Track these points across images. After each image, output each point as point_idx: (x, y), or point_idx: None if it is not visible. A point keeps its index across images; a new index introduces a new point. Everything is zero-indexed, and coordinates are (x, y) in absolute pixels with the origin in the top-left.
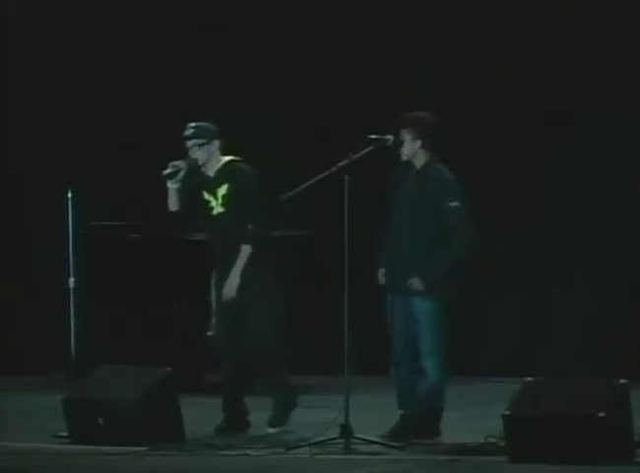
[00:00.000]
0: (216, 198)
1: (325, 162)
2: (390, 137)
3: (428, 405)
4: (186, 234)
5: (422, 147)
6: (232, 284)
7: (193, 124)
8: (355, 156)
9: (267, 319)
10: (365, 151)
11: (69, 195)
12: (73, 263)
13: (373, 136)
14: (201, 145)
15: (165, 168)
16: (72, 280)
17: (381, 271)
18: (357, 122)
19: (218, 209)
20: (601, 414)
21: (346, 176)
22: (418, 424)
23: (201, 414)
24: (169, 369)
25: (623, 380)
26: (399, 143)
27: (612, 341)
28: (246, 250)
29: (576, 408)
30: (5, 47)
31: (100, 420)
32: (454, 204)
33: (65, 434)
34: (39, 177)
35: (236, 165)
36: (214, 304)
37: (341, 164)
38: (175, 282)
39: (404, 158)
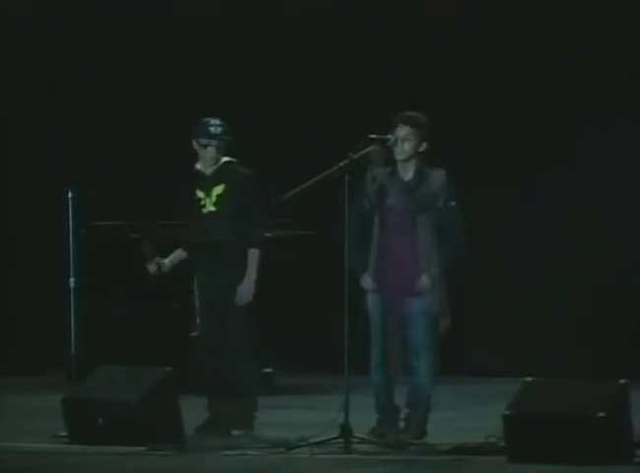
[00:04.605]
0: (209, 197)
1: (325, 162)
2: (390, 137)
3: (416, 405)
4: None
5: (424, 150)
6: (248, 289)
7: (219, 122)
8: (355, 156)
9: (247, 319)
10: (365, 151)
11: (69, 195)
12: (73, 263)
13: (373, 136)
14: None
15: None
16: (72, 280)
17: (365, 275)
18: (357, 122)
19: (209, 208)
20: (601, 414)
21: (346, 176)
22: (407, 424)
23: (201, 414)
24: (169, 369)
25: (623, 380)
26: (395, 140)
27: (612, 341)
28: (255, 254)
29: (576, 408)
30: (5, 47)
31: (100, 420)
32: (452, 204)
33: (65, 434)
34: (39, 177)
35: (235, 166)
36: (197, 305)
37: (341, 164)
38: (175, 282)
39: (401, 156)
